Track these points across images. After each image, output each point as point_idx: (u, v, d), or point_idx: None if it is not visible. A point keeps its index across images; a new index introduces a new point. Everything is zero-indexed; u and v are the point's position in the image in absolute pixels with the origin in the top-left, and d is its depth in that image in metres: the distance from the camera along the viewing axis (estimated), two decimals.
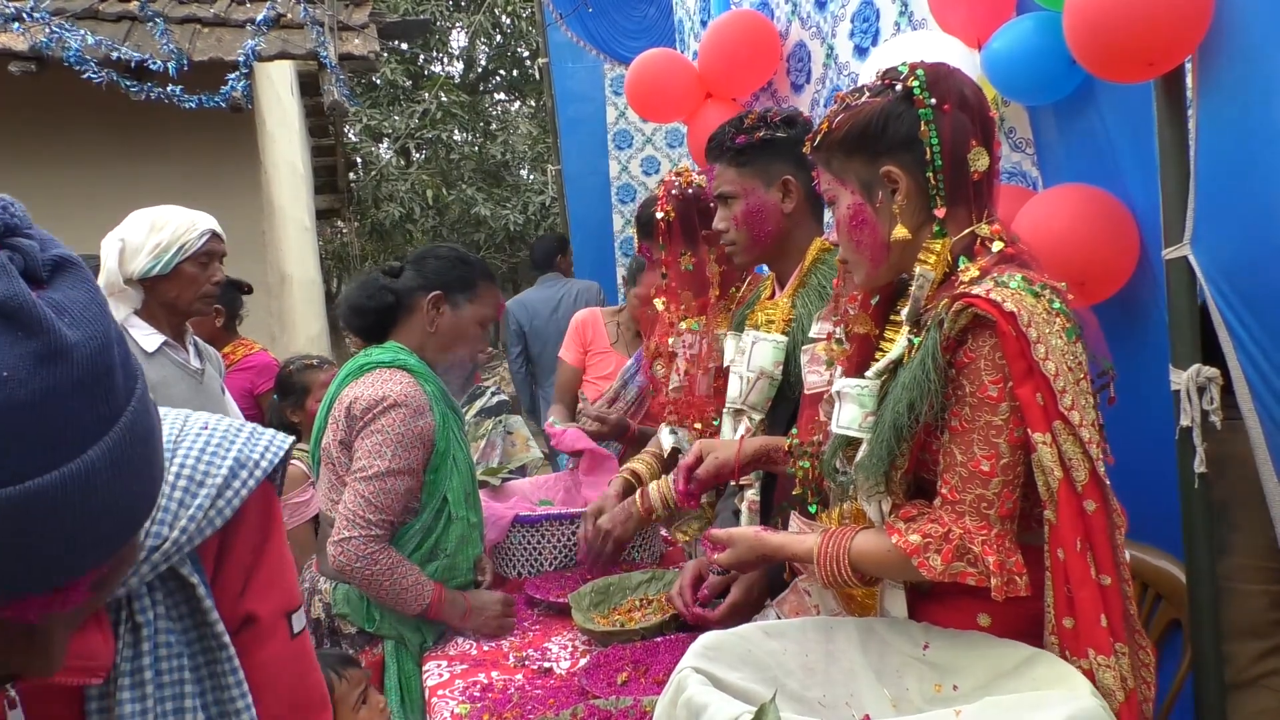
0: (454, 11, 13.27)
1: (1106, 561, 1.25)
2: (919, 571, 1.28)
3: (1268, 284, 1.58)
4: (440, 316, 2.14)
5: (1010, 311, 1.23)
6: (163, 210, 2.44)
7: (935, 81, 1.37)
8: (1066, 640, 1.26)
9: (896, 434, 1.31)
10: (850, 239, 1.44)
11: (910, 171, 1.36)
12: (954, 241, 1.37)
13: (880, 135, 1.37)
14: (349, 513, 1.98)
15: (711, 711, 1.14)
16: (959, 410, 1.29)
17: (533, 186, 12.88)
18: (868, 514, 1.42)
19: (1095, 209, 1.96)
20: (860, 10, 2.89)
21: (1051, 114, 2.16)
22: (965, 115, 1.37)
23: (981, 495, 1.27)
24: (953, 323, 1.28)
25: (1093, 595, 1.23)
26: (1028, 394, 1.24)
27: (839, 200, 1.44)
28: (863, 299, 1.50)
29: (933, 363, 1.28)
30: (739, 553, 1.56)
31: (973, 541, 1.26)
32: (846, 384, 1.43)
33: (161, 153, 5.17)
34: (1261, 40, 1.54)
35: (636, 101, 3.78)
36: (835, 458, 1.47)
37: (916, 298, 1.37)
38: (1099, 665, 1.23)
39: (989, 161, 1.38)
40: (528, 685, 1.84)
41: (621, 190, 5.74)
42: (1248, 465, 1.65)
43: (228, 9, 5.31)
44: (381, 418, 2.00)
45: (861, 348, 1.49)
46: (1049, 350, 1.23)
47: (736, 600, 1.84)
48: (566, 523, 2.45)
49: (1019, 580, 1.26)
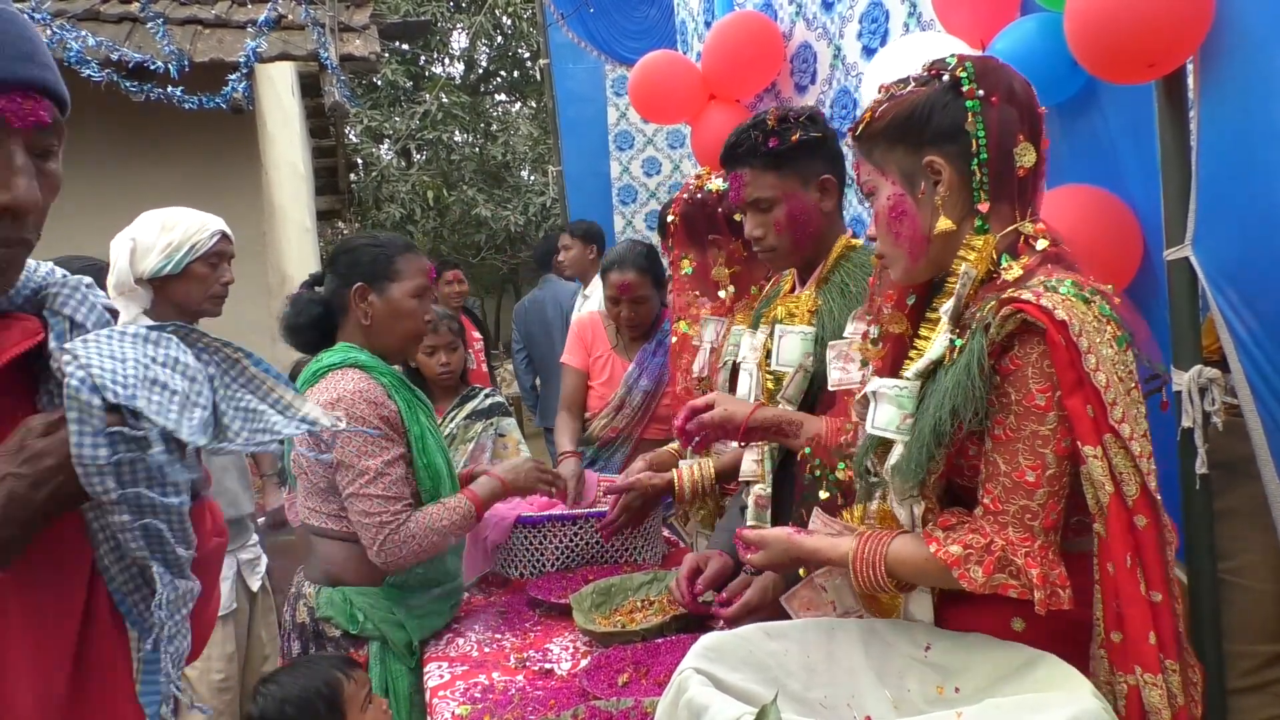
0: (455, 12, 13.28)
1: (1157, 578, 1.21)
2: (959, 583, 1.25)
3: (1269, 284, 1.58)
4: (371, 307, 2.12)
5: (1061, 320, 1.19)
6: (173, 211, 2.46)
7: (984, 73, 1.33)
8: (1114, 655, 1.23)
9: (937, 439, 1.27)
10: (889, 230, 1.40)
11: (954, 163, 1.33)
12: (997, 239, 1.33)
13: (925, 125, 1.34)
14: (373, 520, 1.99)
15: (713, 712, 1.14)
16: (1003, 419, 1.26)
17: (534, 187, 12.89)
18: (899, 517, 1.40)
19: (1098, 210, 1.96)
20: (869, 11, 2.89)
21: (1055, 115, 2.16)
22: (1013, 109, 1.33)
23: (1026, 506, 1.24)
24: (1000, 327, 1.24)
25: (1143, 612, 1.20)
26: (1078, 405, 1.20)
27: (879, 191, 1.40)
28: (898, 298, 1.46)
29: (978, 368, 1.24)
30: (772, 554, 1.52)
31: (1015, 554, 1.23)
32: (884, 384, 1.38)
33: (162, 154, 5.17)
34: (1262, 41, 1.54)
35: (640, 103, 3.79)
36: (866, 458, 1.44)
37: (959, 295, 1.32)
38: (1145, 683, 1.20)
39: (1036, 158, 1.34)
40: (529, 686, 1.84)
41: (623, 191, 5.74)
42: None
43: (229, 10, 5.31)
44: (340, 408, 2.00)
45: (896, 347, 1.45)
46: (1100, 360, 1.19)
47: (751, 602, 1.82)
48: (569, 524, 2.46)
49: (1062, 594, 1.23)
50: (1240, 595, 1.81)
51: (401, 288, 2.14)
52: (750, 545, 1.55)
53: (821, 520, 1.58)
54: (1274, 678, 1.84)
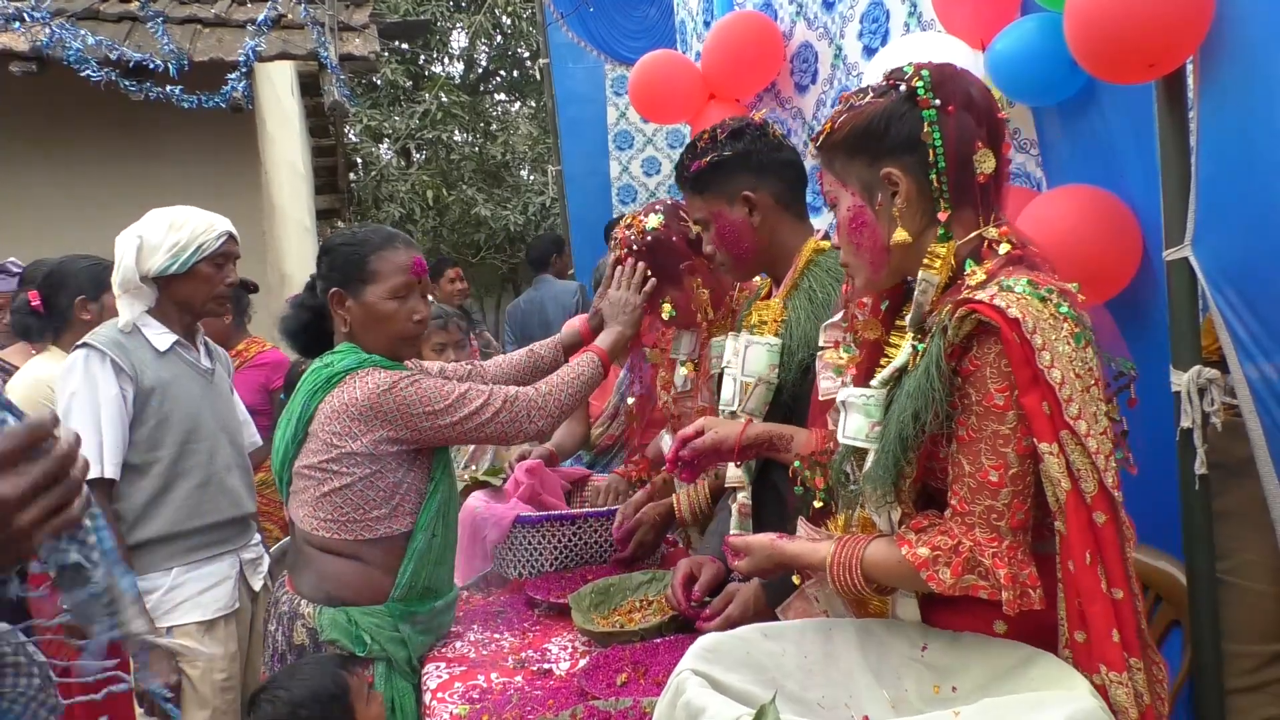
0: (454, 12, 13.27)
1: (1118, 575, 1.22)
2: (928, 585, 1.25)
3: (1268, 285, 1.58)
4: (347, 311, 2.04)
5: (1015, 318, 1.20)
6: (181, 210, 2.45)
7: (940, 82, 1.34)
8: (1079, 655, 1.23)
9: (902, 444, 1.29)
10: (850, 241, 1.42)
11: (912, 173, 1.34)
12: (960, 245, 1.34)
13: (882, 136, 1.35)
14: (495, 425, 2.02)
15: (711, 713, 1.14)
16: (965, 420, 1.27)
17: (533, 187, 12.89)
18: (877, 524, 1.41)
19: (1099, 210, 1.96)
20: (869, 11, 2.89)
21: (1056, 115, 2.16)
22: (971, 116, 1.34)
23: (991, 506, 1.25)
24: (956, 329, 1.25)
25: (1105, 610, 1.21)
26: (1033, 403, 1.21)
27: (840, 202, 1.42)
28: (873, 304, 1.47)
29: (937, 371, 1.25)
30: (756, 560, 1.53)
31: (983, 554, 1.23)
32: (851, 394, 1.40)
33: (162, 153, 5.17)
34: (1262, 41, 1.54)
35: (640, 103, 3.79)
36: (844, 467, 1.45)
37: (920, 303, 1.34)
38: (1111, 681, 1.20)
39: (995, 164, 1.34)
40: (527, 686, 1.84)
41: (622, 191, 5.74)
42: None
43: (228, 9, 5.31)
44: (393, 397, 1.95)
45: (871, 354, 1.46)
46: (1055, 357, 1.20)
47: (732, 616, 1.82)
48: (567, 523, 2.46)
49: (1033, 594, 1.23)
50: (1237, 595, 1.80)
51: (377, 290, 2.02)
52: (737, 552, 1.57)
53: (806, 530, 1.58)
54: (1272, 678, 1.84)
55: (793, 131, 3.52)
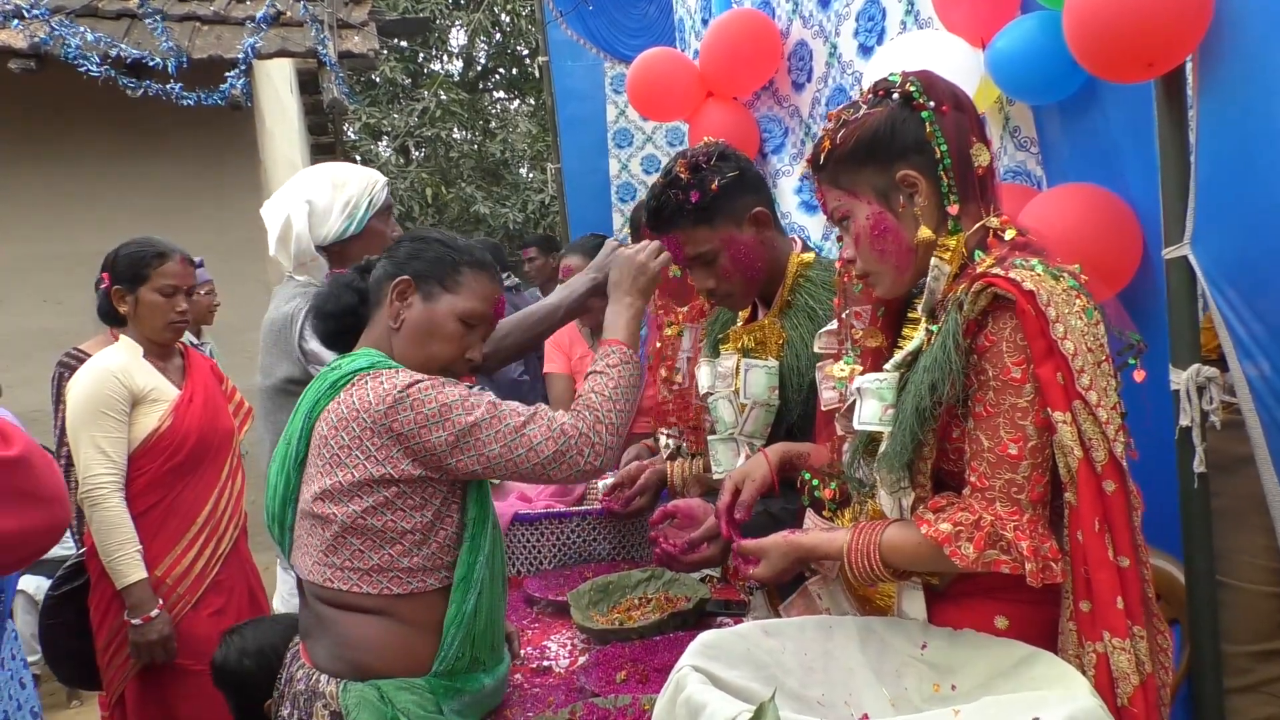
0: (453, 9, 13.27)
1: (1125, 543, 1.24)
2: (951, 561, 1.27)
3: (1268, 284, 1.58)
4: (406, 307, 1.68)
5: (1030, 290, 1.24)
6: (333, 166, 2.20)
7: (929, 86, 1.40)
8: (1083, 624, 1.25)
9: (919, 418, 1.31)
10: (873, 250, 1.42)
11: (924, 173, 1.38)
12: (968, 236, 1.39)
13: (890, 141, 1.38)
14: (534, 437, 1.56)
15: (710, 710, 1.14)
16: (983, 395, 1.29)
17: (532, 185, 12.90)
18: (887, 513, 1.42)
19: (1098, 208, 1.96)
20: (865, 9, 2.89)
21: (1056, 113, 2.17)
22: (963, 114, 1.40)
23: (1011, 480, 1.27)
24: (973, 304, 1.28)
25: (1110, 577, 1.23)
26: (1048, 373, 1.24)
27: (854, 214, 1.43)
28: (870, 314, 1.51)
29: (954, 343, 1.28)
30: (774, 563, 1.51)
31: (1005, 528, 1.25)
32: (865, 380, 1.42)
33: (160, 150, 5.16)
34: (1261, 40, 1.54)
35: (638, 100, 3.79)
36: (856, 459, 1.47)
37: (933, 290, 1.37)
38: (1114, 648, 1.22)
39: (989, 157, 1.41)
40: (526, 683, 1.84)
41: (621, 189, 5.74)
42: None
43: (227, 6, 5.30)
44: (413, 394, 1.54)
45: (875, 363, 1.49)
46: (1068, 330, 1.24)
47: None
48: (566, 521, 2.46)
49: (1054, 566, 1.25)
50: (1234, 595, 1.81)
51: (453, 302, 1.68)
52: (750, 559, 1.55)
53: (815, 522, 1.58)
54: (1268, 677, 1.84)
55: (790, 129, 3.52)
